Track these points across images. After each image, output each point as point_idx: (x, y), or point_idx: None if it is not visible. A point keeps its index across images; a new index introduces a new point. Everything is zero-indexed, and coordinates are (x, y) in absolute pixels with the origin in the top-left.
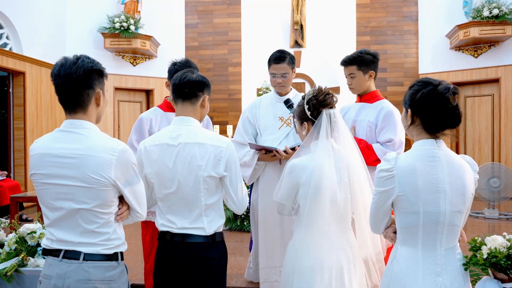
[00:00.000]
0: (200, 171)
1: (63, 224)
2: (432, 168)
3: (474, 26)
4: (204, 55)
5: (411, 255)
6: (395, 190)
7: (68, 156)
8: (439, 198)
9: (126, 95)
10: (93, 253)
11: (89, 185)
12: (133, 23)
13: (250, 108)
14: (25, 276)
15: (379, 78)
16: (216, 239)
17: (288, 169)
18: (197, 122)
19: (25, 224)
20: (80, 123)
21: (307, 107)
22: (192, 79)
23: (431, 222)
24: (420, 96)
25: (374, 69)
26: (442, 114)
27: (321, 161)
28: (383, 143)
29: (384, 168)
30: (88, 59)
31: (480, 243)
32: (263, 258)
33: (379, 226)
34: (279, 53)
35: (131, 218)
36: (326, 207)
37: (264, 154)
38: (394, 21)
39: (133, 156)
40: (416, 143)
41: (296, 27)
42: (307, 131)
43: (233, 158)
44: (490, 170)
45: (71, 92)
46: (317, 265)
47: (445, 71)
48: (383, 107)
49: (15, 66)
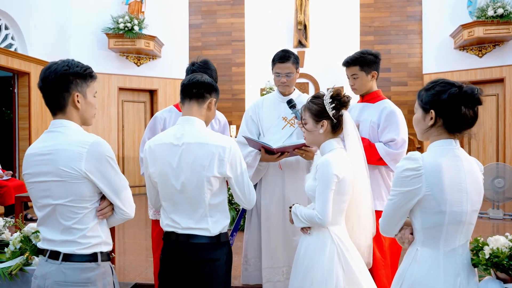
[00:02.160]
0: (204, 172)
1: (48, 222)
2: (455, 167)
3: (478, 25)
4: (208, 55)
5: (433, 256)
6: (422, 190)
7: (45, 153)
8: (462, 197)
9: (130, 95)
10: (71, 254)
11: (61, 179)
12: (137, 24)
13: (253, 108)
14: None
15: (383, 78)
16: (221, 239)
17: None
18: (201, 122)
19: (30, 223)
20: (59, 123)
21: (332, 106)
22: (201, 80)
23: (455, 222)
24: (447, 96)
25: (376, 69)
26: (468, 114)
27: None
28: (386, 143)
29: (410, 167)
30: (65, 63)
31: (483, 243)
32: (266, 258)
33: (394, 228)
34: (283, 52)
35: (117, 216)
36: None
37: (266, 154)
38: (398, 21)
39: (108, 149)
40: (435, 143)
41: (300, 27)
42: (325, 130)
43: (237, 158)
44: (494, 170)
45: (47, 95)
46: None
47: (449, 71)
48: (385, 107)
49: (20, 66)
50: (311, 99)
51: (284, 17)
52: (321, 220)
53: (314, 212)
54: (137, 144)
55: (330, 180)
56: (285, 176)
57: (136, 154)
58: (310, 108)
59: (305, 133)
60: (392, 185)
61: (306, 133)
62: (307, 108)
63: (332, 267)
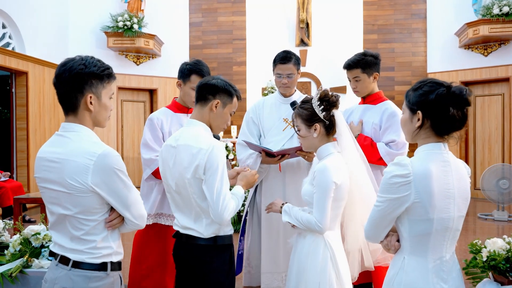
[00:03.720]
0: (185, 173)
1: (58, 228)
2: (444, 173)
3: (483, 24)
4: (209, 54)
5: (420, 265)
6: (410, 197)
7: (53, 160)
8: (450, 203)
9: (130, 94)
10: (80, 261)
11: (68, 191)
12: (137, 22)
13: (254, 109)
14: (29, 277)
15: (387, 77)
16: (217, 243)
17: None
18: (201, 124)
19: (29, 225)
20: (70, 127)
21: (321, 108)
22: (205, 82)
23: (442, 229)
24: (435, 97)
25: (377, 70)
26: (457, 116)
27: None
28: (387, 144)
29: (399, 174)
30: (82, 61)
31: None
32: (265, 262)
33: (380, 234)
34: (285, 53)
35: (127, 226)
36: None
37: (266, 157)
38: (402, 19)
39: (117, 161)
40: (424, 147)
41: (302, 25)
42: (319, 133)
43: (213, 162)
44: (500, 171)
45: (61, 94)
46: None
47: (454, 70)
48: (386, 108)
49: (18, 66)
50: (300, 104)
51: (286, 15)
52: (321, 228)
53: (313, 219)
54: (136, 145)
55: (329, 187)
56: (285, 178)
57: (135, 155)
58: (301, 114)
59: (300, 140)
60: (379, 191)
61: (301, 140)
62: (297, 114)
63: (326, 271)
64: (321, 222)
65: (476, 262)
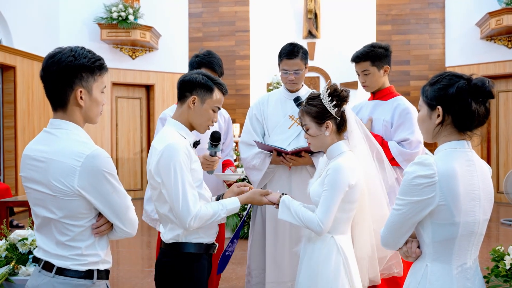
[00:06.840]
0: (149, 175)
1: (43, 231)
2: (469, 173)
3: (507, 13)
4: (209, 47)
5: (445, 272)
6: (435, 200)
7: (39, 159)
8: (475, 206)
9: (125, 90)
10: (65, 268)
11: (53, 193)
12: (132, 13)
13: (258, 105)
14: (16, 285)
15: (401, 71)
16: (173, 249)
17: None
18: (174, 124)
19: (16, 230)
20: (58, 123)
21: (333, 104)
22: (182, 78)
23: (468, 233)
24: (456, 90)
25: (388, 63)
26: (480, 110)
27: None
28: (399, 142)
29: (422, 174)
30: (72, 52)
31: (503, 253)
32: (270, 272)
33: (399, 241)
34: (291, 47)
35: (116, 234)
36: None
37: (277, 156)
38: (418, 8)
39: (106, 163)
40: (446, 145)
41: (310, 15)
42: (331, 131)
43: (166, 163)
44: None
45: (48, 88)
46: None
47: (475, 64)
48: (398, 104)
49: (5, 60)
50: (306, 101)
51: (292, 5)
52: (321, 228)
53: (315, 217)
54: (132, 144)
55: (341, 187)
56: (292, 179)
57: (130, 155)
58: (309, 111)
59: (309, 139)
60: (399, 193)
61: (311, 139)
62: (305, 112)
63: (338, 278)
64: (323, 223)
65: (499, 271)
